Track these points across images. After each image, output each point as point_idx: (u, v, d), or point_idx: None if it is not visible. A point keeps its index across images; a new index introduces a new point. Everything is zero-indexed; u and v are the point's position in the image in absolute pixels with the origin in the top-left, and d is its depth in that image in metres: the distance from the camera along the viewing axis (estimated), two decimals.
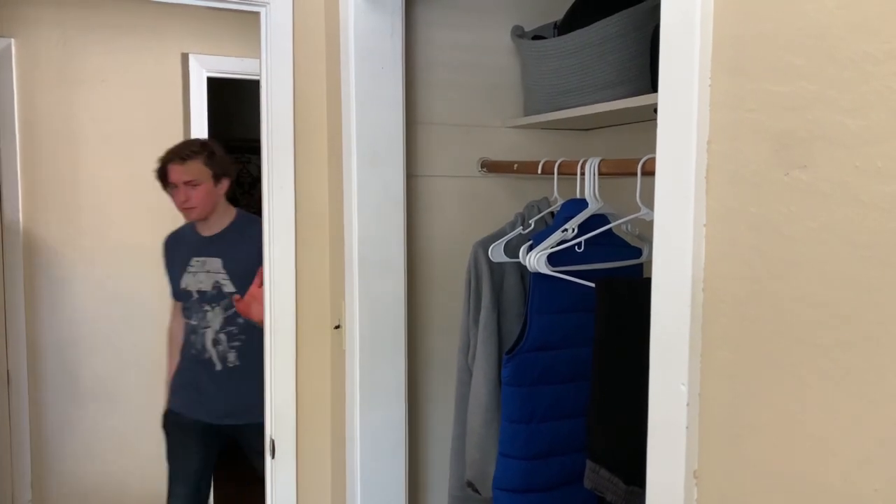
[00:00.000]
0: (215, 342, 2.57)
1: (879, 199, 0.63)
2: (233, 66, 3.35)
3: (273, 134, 2.04)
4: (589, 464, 1.48)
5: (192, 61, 3.31)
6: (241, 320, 2.55)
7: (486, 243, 1.74)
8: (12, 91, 3.07)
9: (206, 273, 2.57)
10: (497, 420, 1.70)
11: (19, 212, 3.15)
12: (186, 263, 2.59)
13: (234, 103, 4.66)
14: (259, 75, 2.06)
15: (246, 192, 5.32)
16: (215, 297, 2.57)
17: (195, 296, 2.57)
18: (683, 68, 0.82)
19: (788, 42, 0.71)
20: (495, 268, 1.74)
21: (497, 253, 1.71)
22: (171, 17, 3.28)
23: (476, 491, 1.74)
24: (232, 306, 2.52)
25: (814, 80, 0.68)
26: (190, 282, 2.58)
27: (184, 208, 2.54)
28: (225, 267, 2.56)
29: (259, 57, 2.06)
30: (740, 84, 0.76)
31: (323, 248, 2.11)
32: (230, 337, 2.57)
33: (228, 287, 2.56)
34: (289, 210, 2.07)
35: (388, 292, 1.87)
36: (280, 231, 2.07)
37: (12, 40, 3.07)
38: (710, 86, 0.80)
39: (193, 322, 2.59)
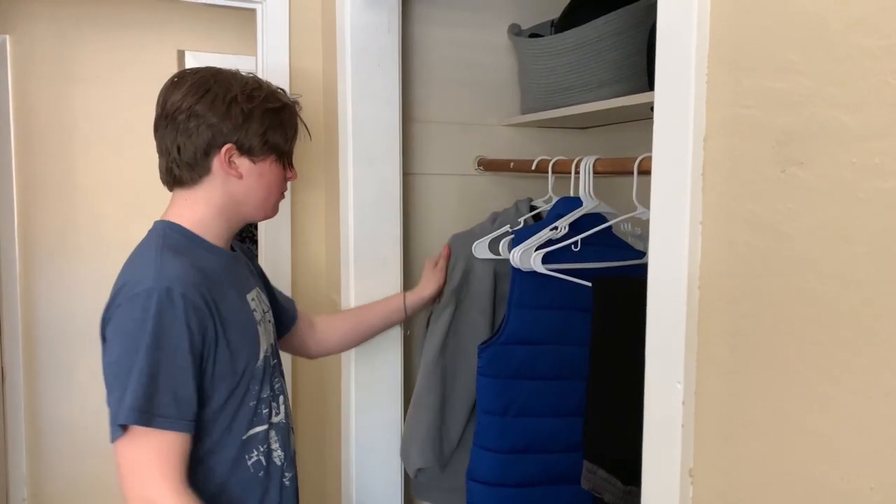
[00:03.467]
0: (292, 429, 1.50)
1: (877, 195, 0.62)
2: (229, 64, 3.32)
3: None
4: (586, 464, 1.47)
5: (189, 58, 3.30)
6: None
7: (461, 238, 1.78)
8: (7, 87, 3.06)
9: (265, 314, 1.44)
10: (426, 406, 1.72)
11: (14, 209, 3.13)
12: (249, 310, 1.37)
13: None
14: (255, 73, 2.06)
15: None
16: (277, 350, 1.51)
17: (272, 362, 1.42)
18: (680, 64, 0.82)
19: (786, 37, 0.70)
20: (463, 263, 1.75)
21: (481, 250, 1.71)
22: (167, 13, 3.27)
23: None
24: None
25: (811, 76, 0.68)
26: (263, 339, 1.39)
27: (284, 194, 1.46)
28: (269, 299, 1.53)
29: (255, 54, 2.05)
30: (737, 80, 0.76)
31: (319, 247, 2.11)
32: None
33: (275, 329, 1.53)
34: (285, 208, 2.06)
35: (385, 290, 1.86)
36: (276, 229, 2.06)
37: (7, 37, 3.05)
38: (706, 82, 0.79)
39: (278, 416, 1.41)
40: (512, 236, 1.57)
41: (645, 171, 1.39)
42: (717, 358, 0.80)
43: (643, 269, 1.66)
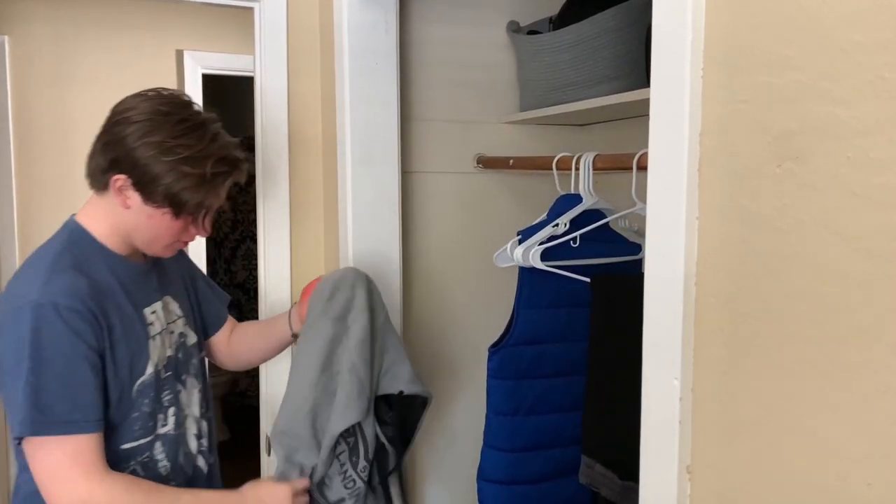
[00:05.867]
0: (199, 435, 1.51)
1: (871, 190, 0.62)
2: (228, 63, 3.34)
3: (267, 131, 2.03)
4: (584, 459, 1.47)
5: (187, 58, 3.30)
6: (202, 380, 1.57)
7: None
8: (6, 89, 3.06)
9: (168, 326, 1.46)
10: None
11: (14, 209, 3.14)
12: (144, 324, 1.38)
13: (230, 100, 4.66)
14: (253, 72, 2.06)
15: (242, 190, 5.31)
16: (185, 360, 1.50)
17: (163, 375, 1.41)
18: (675, 61, 0.81)
19: (780, 33, 0.70)
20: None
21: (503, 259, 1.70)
22: (165, 13, 3.27)
23: None
24: (198, 365, 1.56)
25: (805, 72, 0.67)
26: (154, 353, 1.39)
27: (186, 243, 1.46)
28: (181, 308, 1.53)
29: (253, 53, 2.05)
30: (732, 76, 0.76)
31: (318, 245, 2.11)
32: (208, 419, 1.56)
33: (192, 337, 1.55)
34: (283, 207, 2.06)
35: (384, 289, 1.86)
36: (274, 228, 2.06)
37: (6, 38, 3.06)
38: (702, 78, 0.79)
39: (165, 427, 1.41)
40: (518, 237, 1.57)
41: (644, 167, 1.38)
42: (713, 355, 0.80)
43: (643, 264, 1.67)
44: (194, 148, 1.29)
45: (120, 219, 1.34)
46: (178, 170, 1.28)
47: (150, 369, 1.36)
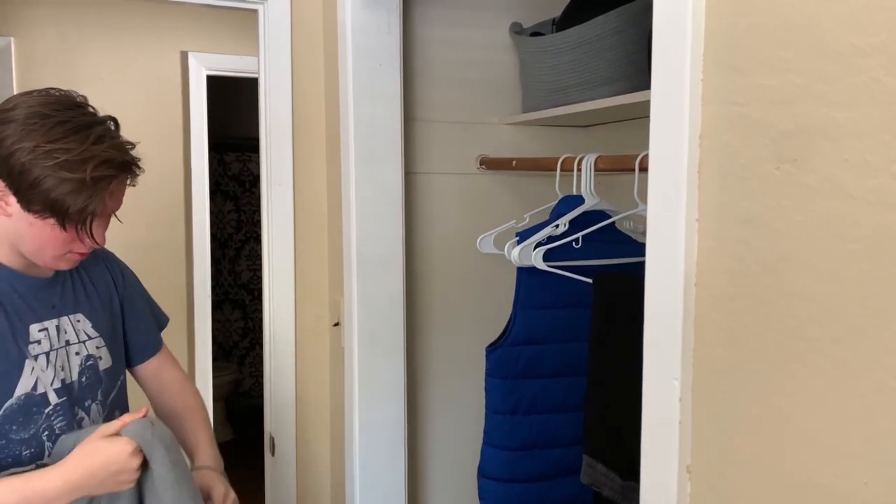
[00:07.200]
0: None
1: (867, 192, 0.63)
2: (232, 64, 3.35)
3: (271, 131, 2.04)
4: (585, 458, 1.48)
5: (192, 59, 3.31)
6: (118, 412, 1.44)
7: None
8: (12, 90, 3.07)
9: (68, 347, 1.35)
10: None
11: None
12: (24, 342, 1.28)
13: (234, 101, 4.67)
14: (258, 73, 2.07)
15: (247, 191, 5.33)
16: (91, 386, 1.38)
17: (53, 401, 1.29)
18: (675, 63, 0.82)
19: (777, 35, 0.71)
20: None
21: (486, 244, 1.72)
22: (170, 15, 3.29)
23: None
24: (111, 393, 1.42)
25: (802, 74, 0.68)
26: (41, 376, 1.29)
27: (81, 254, 1.34)
28: (96, 328, 1.41)
29: (257, 54, 2.06)
30: (731, 78, 0.76)
31: (322, 246, 2.12)
32: None
33: (106, 361, 1.42)
34: (287, 207, 2.07)
35: (387, 290, 1.87)
36: (279, 228, 2.07)
37: (12, 39, 3.07)
38: (701, 80, 0.80)
39: (40, 463, 1.29)
40: (517, 238, 1.58)
41: (646, 169, 1.39)
42: (713, 355, 0.80)
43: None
44: (73, 151, 1.21)
45: (3, 227, 1.26)
46: (56, 175, 1.19)
47: (18, 392, 1.25)
